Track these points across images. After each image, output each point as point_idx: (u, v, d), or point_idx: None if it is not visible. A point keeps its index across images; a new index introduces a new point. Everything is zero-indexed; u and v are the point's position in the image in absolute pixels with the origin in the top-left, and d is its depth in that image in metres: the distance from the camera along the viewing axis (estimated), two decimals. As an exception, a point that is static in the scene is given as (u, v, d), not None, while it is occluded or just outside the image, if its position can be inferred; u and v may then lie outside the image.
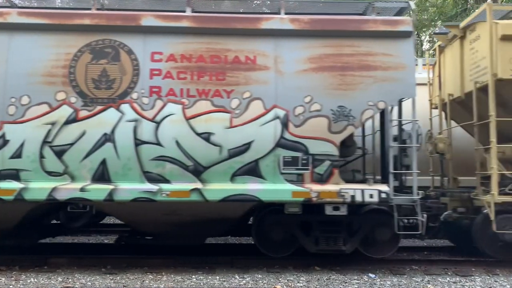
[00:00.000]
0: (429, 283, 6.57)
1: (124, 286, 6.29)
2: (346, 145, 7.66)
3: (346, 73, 6.89)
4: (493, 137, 7.08)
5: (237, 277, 6.80)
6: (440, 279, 6.80)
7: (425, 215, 6.97)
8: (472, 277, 6.93)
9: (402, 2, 7.26)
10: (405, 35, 6.96)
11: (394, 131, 8.25)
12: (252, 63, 6.89)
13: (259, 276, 6.86)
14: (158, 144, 6.70)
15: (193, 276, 6.81)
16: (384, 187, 6.80)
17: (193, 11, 7.36)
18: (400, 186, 7.70)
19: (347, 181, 7.10)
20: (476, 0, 19.94)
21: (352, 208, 7.21)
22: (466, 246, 8.48)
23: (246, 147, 6.74)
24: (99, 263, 7.33)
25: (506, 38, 7.00)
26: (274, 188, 6.72)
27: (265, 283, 6.49)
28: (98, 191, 6.62)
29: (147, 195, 6.64)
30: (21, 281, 6.48)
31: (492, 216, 6.94)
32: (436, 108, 9.50)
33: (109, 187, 6.63)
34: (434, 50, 9.67)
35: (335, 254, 7.34)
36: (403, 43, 6.95)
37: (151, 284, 6.37)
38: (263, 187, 6.72)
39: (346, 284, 6.50)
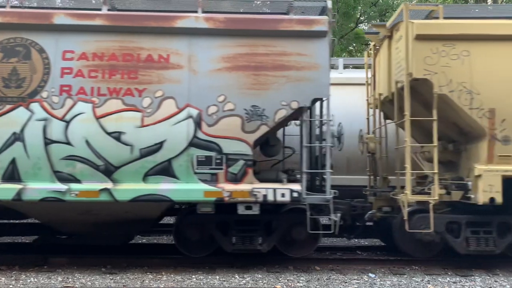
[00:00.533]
0: (429, 283, 6.58)
1: (124, 285, 6.30)
2: (270, 144, 7.67)
3: (260, 72, 6.87)
4: (407, 137, 7.09)
5: (237, 277, 6.81)
6: (440, 279, 6.81)
7: (338, 215, 6.98)
8: (472, 277, 6.94)
9: (319, 2, 7.24)
10: (320, 34, 6.94)
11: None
12: (166, 61, 6.85)
13: (259, 276, 6.86)
14: (68, 143, 6.64)
15: (193, 276, 6.81)
16: (296, 186, 6.79)
17: (114, 9, 7.33)
18: (320, 185, 7.70)
19: (271, 180, 7.08)
20: (476, 0, 19.95)
21: (271, 208, 7.23)
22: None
23: (158, 146, 6.70)
24: (99, 263, 7.34)
25: (420, 37, 7.00)
26: (185, 188, 6.69)
27: (265, 283, 6.50)
28: (5, 191, 6.54)
29: (55, 194, 6.57)
30: (21, 281, 6.48)
31: (405, 215, 6.96)
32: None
33: (18, 186, 6.56)
34: (371, 50, 9.68)
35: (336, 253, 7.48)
36: (318, 43, 6.94)
37: (151, 284, 6.38)
38: (175, 187, 6.68)
39: (346, 284, 6.51)
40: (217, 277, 6.77)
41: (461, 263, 7.44)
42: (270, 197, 6.73)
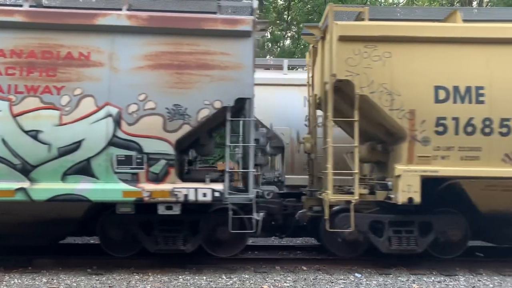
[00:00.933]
0: (414, 283, 6.61)
1: (110, 286, 6.21)
2: (201, 144, 7.64)
3: (183, 71, 6.82)
4: (329, 137, 7.15)
5: (224, 277, 6.76)
6: (425, 279, 6.84)
7: (261, 214, 6.99)
8: (456, 276, 6.99)
9: (246, 2, 7.24)
10: (244, 34, 6.93)
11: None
12: (86, 59, 6.75)
13: (246, 276, 6.83)
14: (-17, 142, 6.50)
15: (180, 277, 6.75)
16: (218, 186, 6.77)
17: (40, 6, 7.20)
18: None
19: (201, 180, 7.03)
20: (462, 2, 20.11)
21: (197, 207, 7.20)
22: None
23: (76, 145, 6.60)
24: (84, 264, 7.23)
25: (343, 39, 7.05)
26: (104, 188, 6.61)
27: (252, 283, 6.46)
28: None
29: (-31, 194, 6.43)
30: (4, 282, 6.34)
31: (326, 215, 7.01)
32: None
33: None
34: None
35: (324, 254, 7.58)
36: (242, 43, 6.92)
37: (137, 285, 6.30)
38: (93, 186, 6.59)
39: (333, 283, 6.51)
40: (204, 277, 6.74)
41: (446, 263, 7.47)
42: (192, 197, 6.69)
